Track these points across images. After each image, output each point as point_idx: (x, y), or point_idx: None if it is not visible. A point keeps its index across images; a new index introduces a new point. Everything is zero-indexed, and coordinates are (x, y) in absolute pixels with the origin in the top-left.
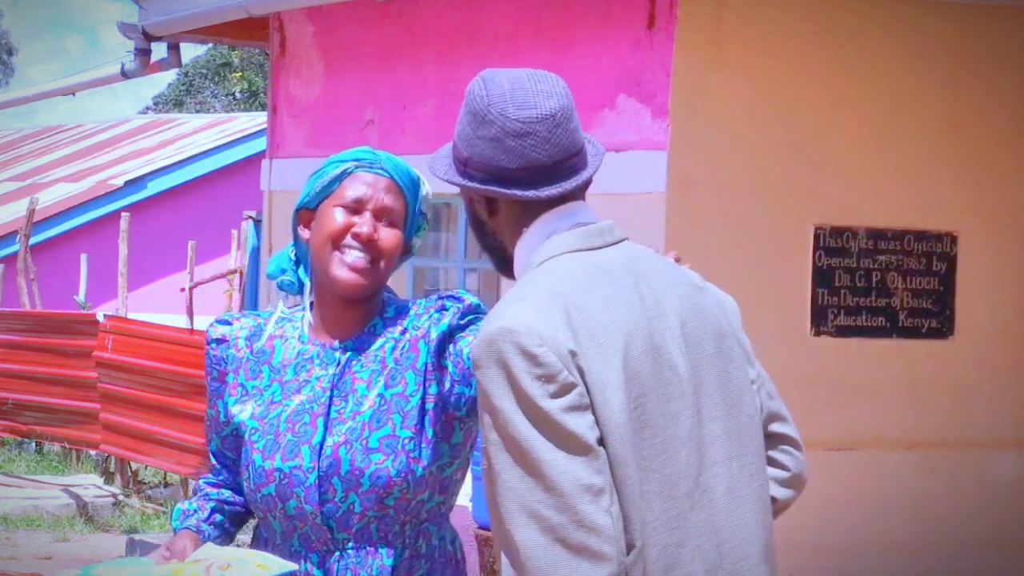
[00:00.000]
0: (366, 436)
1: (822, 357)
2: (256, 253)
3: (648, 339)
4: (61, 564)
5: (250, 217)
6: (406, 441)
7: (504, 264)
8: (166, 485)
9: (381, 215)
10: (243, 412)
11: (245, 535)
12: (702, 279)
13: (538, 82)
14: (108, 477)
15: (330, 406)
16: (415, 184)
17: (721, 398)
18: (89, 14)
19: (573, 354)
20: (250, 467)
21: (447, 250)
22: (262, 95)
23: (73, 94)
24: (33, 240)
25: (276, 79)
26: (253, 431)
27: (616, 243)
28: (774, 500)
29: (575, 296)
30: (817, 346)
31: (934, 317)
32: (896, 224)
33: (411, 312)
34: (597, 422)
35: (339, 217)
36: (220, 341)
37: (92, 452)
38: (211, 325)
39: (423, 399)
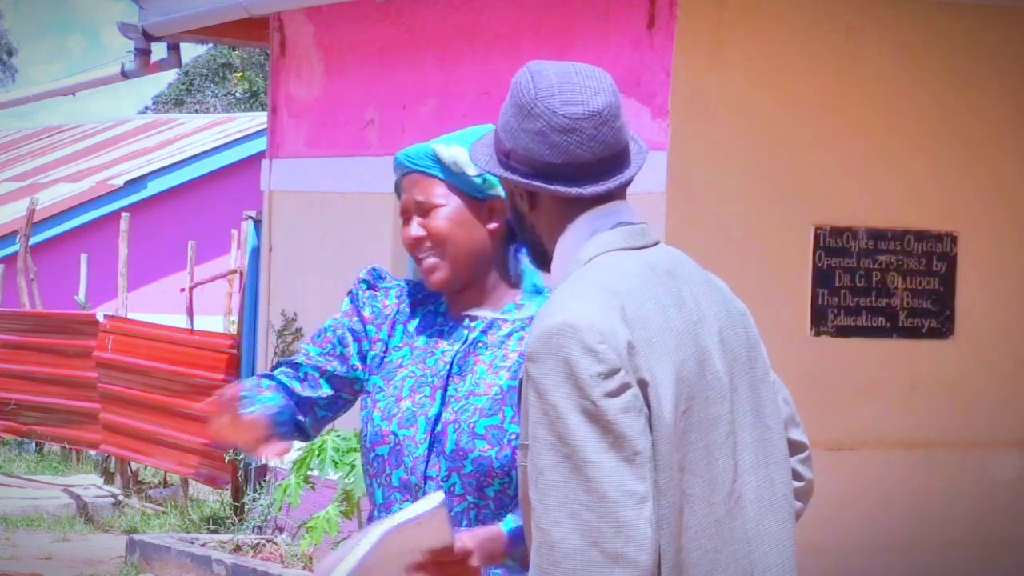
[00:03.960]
0: (475, 420)
1: (822, 357)
2: (256, 253)
3: (694, 343)
4: (61, 564)
5: (250, 217)
6: (513, 436)
7: (541, 258)
8: (166, 485)
9: (421, 210)
10: (376, 369)
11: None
12: (726, 286)
13: (586, 77)
14: (108, 477)
15: (448, 381)
16: (434, 158)
17: (751, 406)
18: (91, 14)
19: (631, 353)
20: (369, 424)
21: None
22: (262, 95)
23: (73, 94)
24: (33, 240)
25: (276, 79)
26: (378, 390)
27: (653, 245)
28: None
29: (631, 295)
30: (817, 346)
31: (934, 317)
32: (896, 224)
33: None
34: (649, 424)
35: (403, 232)
36: (372, 286)
37: (92, 452)
38: (365, 270)
39: None
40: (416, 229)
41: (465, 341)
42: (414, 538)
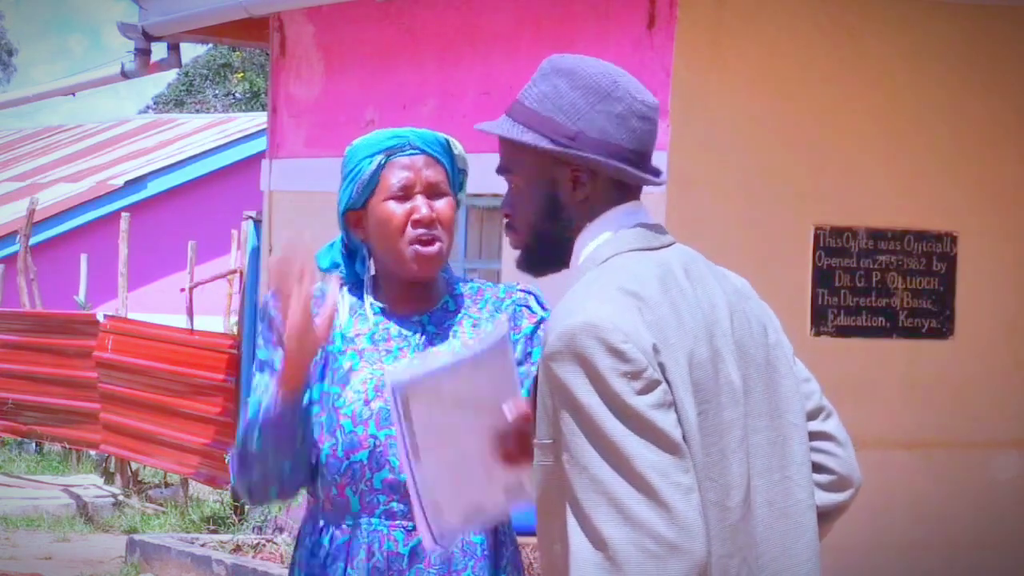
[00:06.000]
0: None
1: (822, 357)
2: (256, 253)
3: (708, 346)
4: (61, 564)
5: (250, 217)
6: None
7: (554, 253)
8: (166, 485)
9: (431, 191)
10: (325, 378)
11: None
12: (746, 284)
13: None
14: (108, 477)
15: None
16: (447, 148)
17: (767, 408)
18: (91, 14)
19: (655, 351)
20: (338, 432)
21: None
22: (262, 95)
23: (73, 94)
24: (33, 240)
25: (276, 79)
26: (336, 397)
27: (670, 245)
28: (817, 508)
29: (646, 298)
30: (817, 346)
31: (934, 317)
32: (896, 224)
33: (487, 295)
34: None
35: (396, 210)
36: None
37: (92, 452)
38: (271, 295)
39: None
40: (431, 206)
41: (422, 333)
42: (482, 376)
